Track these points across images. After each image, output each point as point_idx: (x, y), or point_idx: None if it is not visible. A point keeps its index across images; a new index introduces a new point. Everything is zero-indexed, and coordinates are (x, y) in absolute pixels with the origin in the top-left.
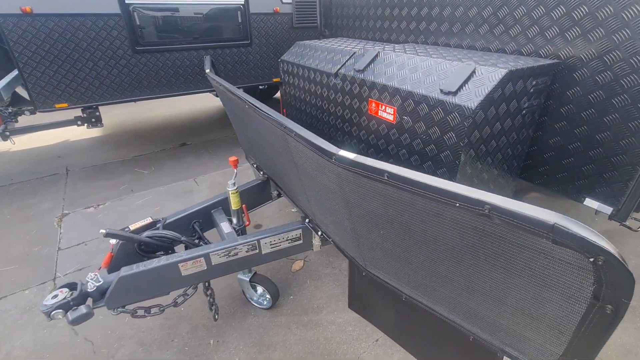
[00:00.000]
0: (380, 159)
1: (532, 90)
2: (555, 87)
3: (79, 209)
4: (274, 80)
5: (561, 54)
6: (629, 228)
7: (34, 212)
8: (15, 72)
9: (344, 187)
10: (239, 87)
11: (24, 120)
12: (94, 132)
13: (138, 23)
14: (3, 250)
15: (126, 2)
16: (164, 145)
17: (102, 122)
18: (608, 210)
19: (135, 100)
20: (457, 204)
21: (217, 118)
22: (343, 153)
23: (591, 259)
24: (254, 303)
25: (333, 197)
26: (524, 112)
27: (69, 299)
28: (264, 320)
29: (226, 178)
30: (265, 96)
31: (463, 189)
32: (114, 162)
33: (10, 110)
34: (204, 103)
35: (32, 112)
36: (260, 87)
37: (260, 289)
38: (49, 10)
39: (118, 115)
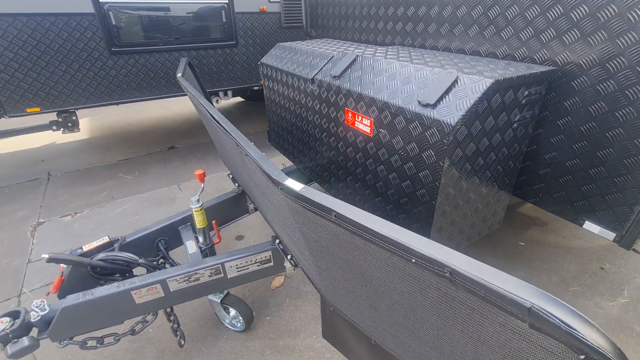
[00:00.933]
0: (358, 174)
1: (524, 101)
2: (551, 96)
3: (55, 218)
4: (262, 83)
5: (558, 59)
6: (636, 251)
7: (8, 220)
8: None
9: (297, 219)
10: (225, 90)
11: (4, 124)
12: (81, 135)
13: (114, 23)
14: None
15: (100, 0)
16: (152, 148)
17: (79, 127)
18: (611, 235)
19: (114, 104)
20: (414, 260)
21: None
22: (289, 183)
23: (581, 357)
24: (227, 325)
25: (290, 226)
26: (515, 125)
27: (8, 330)
28: (236, 344)
29: (212, 185)
30: (259, 97)
31: (420, 243)
32: (98, 166)
33: None
34: None
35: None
36: (254, 87)
37: (233, 311)
38: (16, 10)
39: (109, 116)
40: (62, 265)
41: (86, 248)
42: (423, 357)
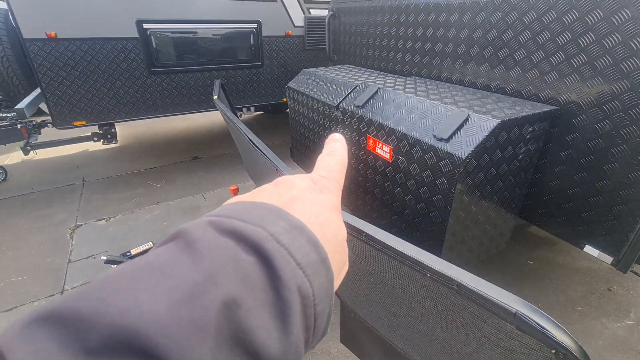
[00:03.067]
0: (377, 194)
1: (528, 136)
2: (554, 131)
3: (91, 221)
4: (284, 100)
5: (560, 98)
6: (635, 274)
7: (49, 222)
8: (38, 91)
9: None
10: (250, 106)
11: (47, 132)
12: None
13: (154, 46)
14: (18, 260)
15: (144, 27)
16: (177, 158)
17: (117, 138)
18: (608, 259)
19: (150, 118)
20: (429, 275)
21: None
22: None
23: (553, 351)
24: None
25: None
26: (520, 157)
27: None
28: None
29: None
30: (278, 110)
31: (434, 261)
32: (128, 174)
33: (34, 123)
34: (219, 116)
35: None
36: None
37: None
38: (72, 35)
39: (135, 126)
40: (112, 266)
41: (134, 252)
42: (433, 356)
